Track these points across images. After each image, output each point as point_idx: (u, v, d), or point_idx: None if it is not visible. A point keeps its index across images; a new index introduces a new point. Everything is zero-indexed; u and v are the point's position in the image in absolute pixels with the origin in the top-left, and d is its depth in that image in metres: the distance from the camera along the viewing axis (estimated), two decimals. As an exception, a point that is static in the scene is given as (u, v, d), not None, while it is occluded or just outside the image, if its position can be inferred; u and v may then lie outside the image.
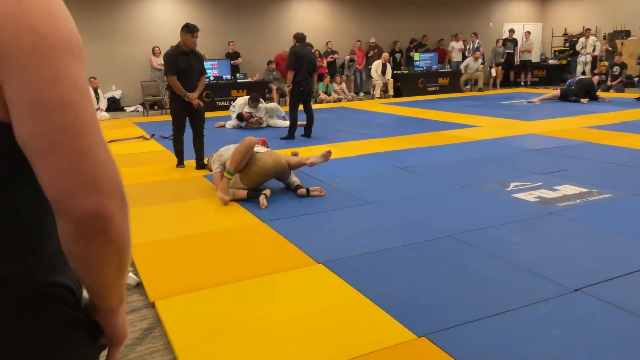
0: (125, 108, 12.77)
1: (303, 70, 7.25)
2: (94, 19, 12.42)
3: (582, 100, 10.77)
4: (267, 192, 4.33)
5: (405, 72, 14.39)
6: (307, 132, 7.59)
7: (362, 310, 2.49)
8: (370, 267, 2.98)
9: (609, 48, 14.86)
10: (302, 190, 4.41)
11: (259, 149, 4.54)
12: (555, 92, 11.46)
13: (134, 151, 6.98)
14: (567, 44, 16.19)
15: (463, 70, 14.19)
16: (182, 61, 5.44)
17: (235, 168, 4.28)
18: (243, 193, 4.34)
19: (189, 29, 5.40)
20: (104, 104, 11.30)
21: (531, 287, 2.67)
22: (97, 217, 0.65)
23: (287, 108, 7.91)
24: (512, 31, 15.52)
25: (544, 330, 2.27)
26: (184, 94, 5.46)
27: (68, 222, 0.65)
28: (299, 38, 7.47)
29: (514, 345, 2.16)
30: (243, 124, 8.63)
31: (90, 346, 0.78)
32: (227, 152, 4.63)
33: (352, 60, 14.35)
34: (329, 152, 4.62)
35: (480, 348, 2.15)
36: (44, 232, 0.72)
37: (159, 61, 12.24)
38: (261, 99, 8.98)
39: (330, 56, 13.87)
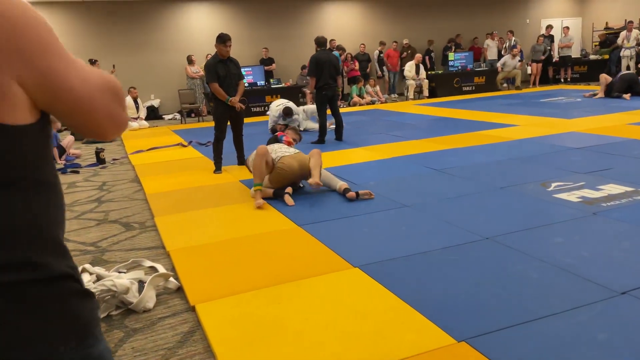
0: (163, 116, 13.09)
1: (325, 75, 7.26)
2: (131, 32, 12.80)
3: (624, 96, 10.39)
4: (290, 189, 4.55)
5: (440, 72, 14.22)
6: (338, 135, 7.60)
7: (399, 314, 2.47)
8: (407, 270, 2.96)
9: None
10: (352, 194, 4.39)
11: (284, 151, 4.65)
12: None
13: (173, 158, 7.14)
14: (606, 39, 15.55)
15: (500, 69, 13.91)
16: (221, 69, 5.84)
17: (259, 179, 4.49)
18: (270, 191, 4.59)
19: (221, 39, 5.80)
20: (143, 113, 11.61)
21: (575, 290, 2.59)
22: None
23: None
24: (549, 27, 15.12)
25: (590, 334, 2.19)
26: (227, 99, 5.81)
27: None
28: (320, 42, 7.48)
29: (558, 350, 2.10)
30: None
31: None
32: (274, 151, 4.72)
33: (381, 51, 14.34)
34: (318, 186, 4.47)
35: (523, 353, 2.10)
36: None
37: (195, 69, 12.51)
38: (294, 110, 8.84)
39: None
